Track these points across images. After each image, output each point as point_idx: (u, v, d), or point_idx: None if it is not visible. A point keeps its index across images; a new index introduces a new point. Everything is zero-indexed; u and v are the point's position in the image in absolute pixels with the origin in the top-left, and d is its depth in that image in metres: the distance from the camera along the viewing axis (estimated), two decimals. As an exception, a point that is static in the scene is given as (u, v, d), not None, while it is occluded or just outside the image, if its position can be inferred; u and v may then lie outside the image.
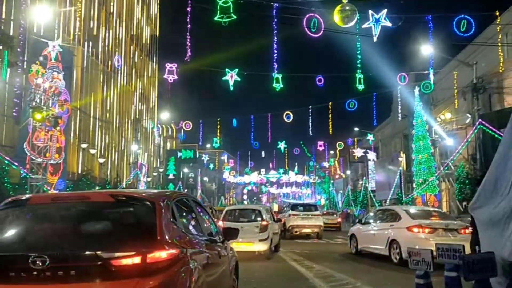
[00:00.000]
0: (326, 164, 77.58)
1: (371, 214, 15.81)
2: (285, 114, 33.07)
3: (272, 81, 23.49)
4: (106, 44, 45.18)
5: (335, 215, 37.22)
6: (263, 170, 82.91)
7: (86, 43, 40.04)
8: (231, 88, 23.49)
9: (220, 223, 12.95)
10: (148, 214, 3.72)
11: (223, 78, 23.42)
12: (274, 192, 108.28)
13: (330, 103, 31.31)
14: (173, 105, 57.92)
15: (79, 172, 34.12)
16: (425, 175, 31.87)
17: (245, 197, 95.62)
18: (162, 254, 3.45)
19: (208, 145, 62.13)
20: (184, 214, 4.64)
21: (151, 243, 3.48)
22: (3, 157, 21.32)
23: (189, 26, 16.67)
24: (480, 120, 24.93)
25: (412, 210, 13.56)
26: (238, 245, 9.95)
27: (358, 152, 49.90)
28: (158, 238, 3.55)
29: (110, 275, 3.28)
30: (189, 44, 16.35)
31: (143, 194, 4.19)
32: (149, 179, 49.53)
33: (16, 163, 21.79)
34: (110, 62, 46.31)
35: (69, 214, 3.91)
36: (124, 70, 50.19)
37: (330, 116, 31.51)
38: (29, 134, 24.03)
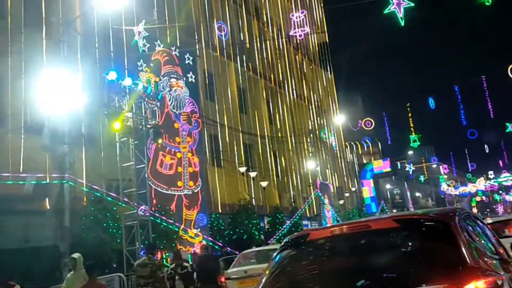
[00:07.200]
0: None
1: None
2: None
3: None
4: (264, 56, 39.73)
5: None
6: (491, 172, 65.21)
7: (237, 57, 35.10)
8: (402, 23, 14.28)
9: None
10: (447, 238, 3.09)
11: (386, 11, 14.43)
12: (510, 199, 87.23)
13: None
14: (353, 107, 48.92)
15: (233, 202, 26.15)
16: None
17: (474, 210, 78.15)
18: (479, 284, 2.73)
19: (410, 152, 50.65)
20: (475, 233, 3.67)
21: (461, 272, 2.81)
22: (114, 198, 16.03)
23: None
24: None
25: None
26: None
27: None
28: (468, 264, 2.88)
29: None
30: None
31: (430, 215, 3.54)
32: (341, 201, 40.94)
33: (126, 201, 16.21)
34: (272, 76, 40.74)
35: (355, 246, 3.37)
36: (291, 83, 43.99)
37: None
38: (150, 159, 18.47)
